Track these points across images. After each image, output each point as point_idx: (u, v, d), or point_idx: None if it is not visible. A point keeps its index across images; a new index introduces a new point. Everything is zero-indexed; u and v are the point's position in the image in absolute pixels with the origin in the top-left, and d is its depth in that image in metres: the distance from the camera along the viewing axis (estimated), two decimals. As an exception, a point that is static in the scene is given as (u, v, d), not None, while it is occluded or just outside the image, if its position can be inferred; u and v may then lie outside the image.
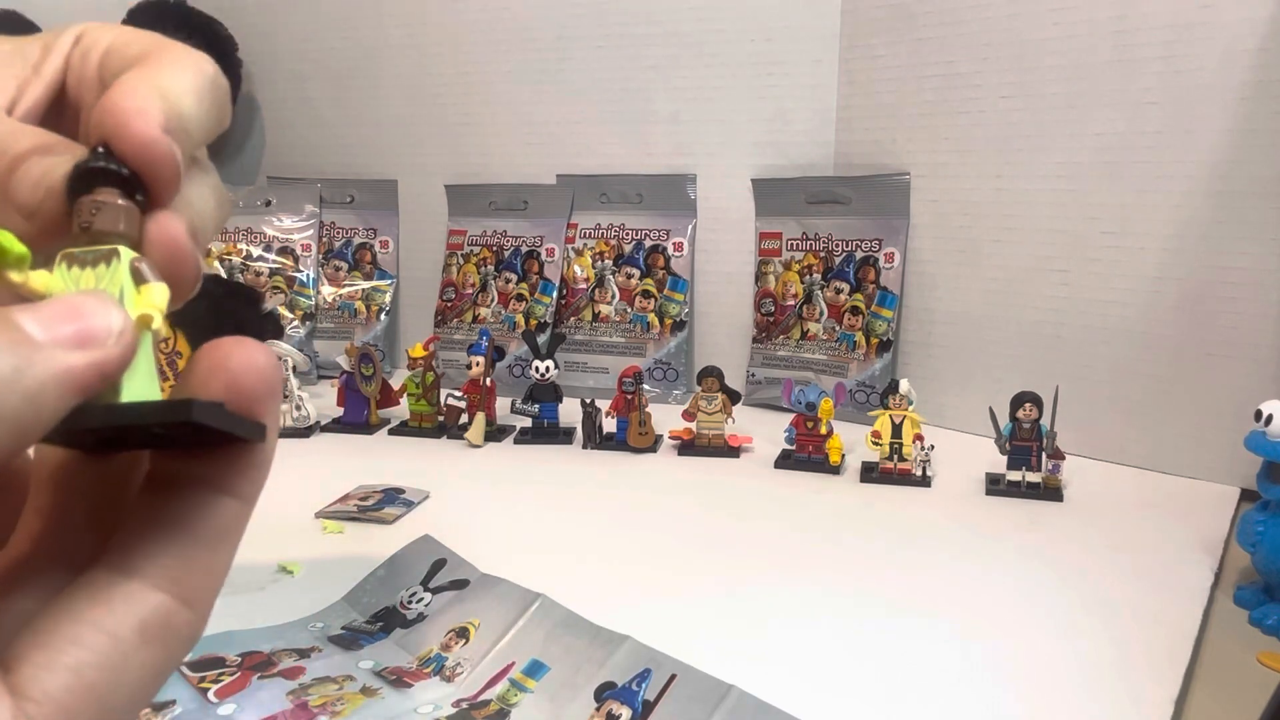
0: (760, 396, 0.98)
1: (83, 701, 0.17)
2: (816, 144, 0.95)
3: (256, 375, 0.20)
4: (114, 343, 0.18)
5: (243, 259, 1.12)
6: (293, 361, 0.90)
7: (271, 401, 0.20)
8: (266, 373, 0.20)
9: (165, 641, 0.18)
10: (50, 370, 0.17)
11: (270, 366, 0.20)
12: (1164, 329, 0.76)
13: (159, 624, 0.18)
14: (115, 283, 0.19)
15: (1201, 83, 0.72)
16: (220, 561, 0.20)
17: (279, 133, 1.22)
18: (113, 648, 0.18)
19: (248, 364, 0.19)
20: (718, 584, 0.60)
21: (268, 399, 0.20)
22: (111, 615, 0.18)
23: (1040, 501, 0.71)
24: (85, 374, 0.17)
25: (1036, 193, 0.81)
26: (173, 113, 0.20)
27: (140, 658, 0.18)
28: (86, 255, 0.19)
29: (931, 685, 0.48)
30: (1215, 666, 0.51)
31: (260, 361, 0.20)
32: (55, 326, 0.17)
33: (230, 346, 0.20)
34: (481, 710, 0.47)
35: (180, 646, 0.19)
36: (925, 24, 0.85)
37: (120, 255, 0.19)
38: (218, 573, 0.20)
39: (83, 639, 0.17)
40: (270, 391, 0.20)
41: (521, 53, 1.05)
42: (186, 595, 0.19)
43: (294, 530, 0.68)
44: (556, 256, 1.06)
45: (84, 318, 0.17)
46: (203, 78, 0.22)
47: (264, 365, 0.20)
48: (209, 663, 0.50)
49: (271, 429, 0.20)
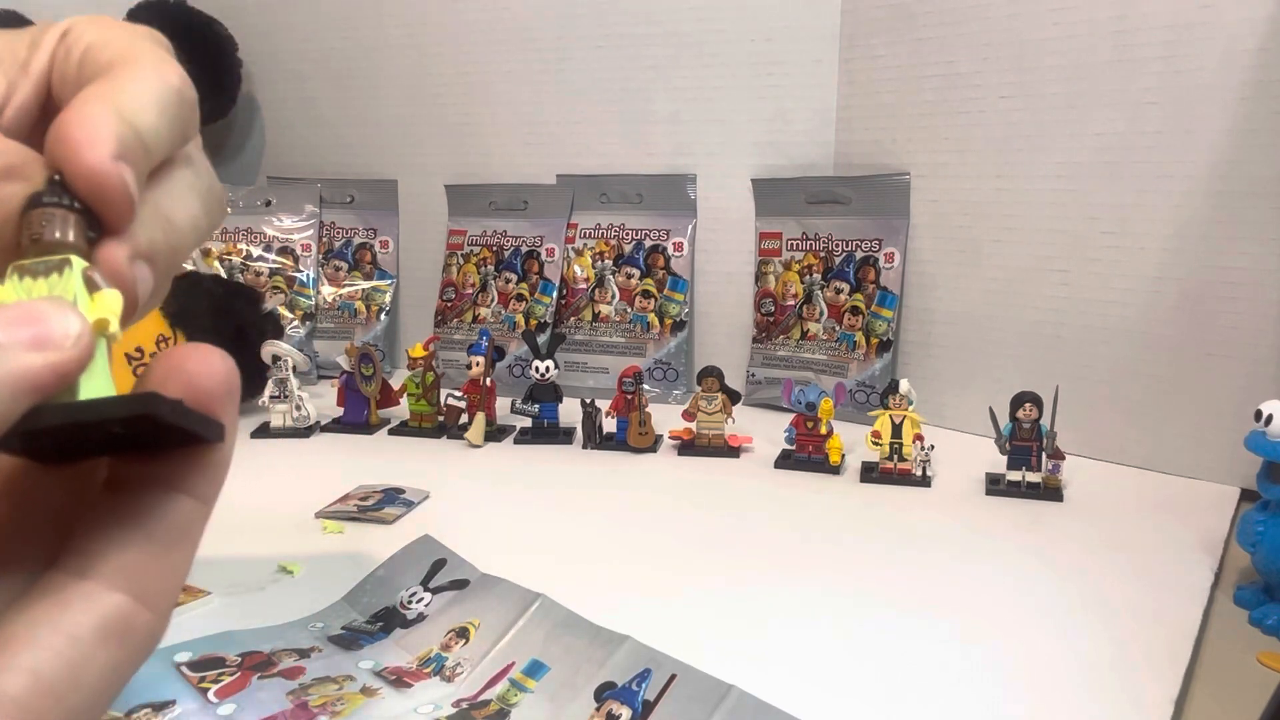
0: (760, 396, 0.98)
1: (42, 702, 0.17)
2: (816, 144, 0.95)
3: (214, 377, 0.20)
4: (71, 345, 0.18)
5: (243, 259, 1.12)
6: (293, 361, 0.89)
7: (229, 402, 0.20)
8: (224, 374, 0.20)
9: (124, 642, 0.18)
10: (7, 369, 0.17)
11: (228, 369, 0.20)
12: (1164, 329, 0.76)
13: (118, 624, 0.18)
14: (69, 291, 0.19)
15: (1201, 83, 0.72)
16: (179, 561, 0.20)
17: (279, 133, 1.22)
18: (71, 648, 0.18)
19: (205, 366, 0.20)
20: (718, 584, 0.60)
21: (225, 400, 0.20)
22: (69, 616, 0.18)
23: (1040, 501, 0.71)
24: (42, 374, 0.17)
25: (1036, 193, 0.81)
26: (128, 133, 0.20)
27: (100, 658, 0.18)
28: (38, 266, 0.19)
29: (931, 685, 0.48)
30: (1215, 666, 0.51)
31: (218, 364, 0.20)
32: (12, 330, 0.17)
33: (188, 349, 0.20)
34: (481, 710, 0.47)
35: (140, 647, 0.19)
36: (925, 24, 0.85)
37: (72, 264, 0.19)
38: (177, 573, 0.20)
39: (40, 640, 0.17)
40: (228, 392, 0.20)
41: (521, 53, 1.05)
42: (145, 596, 0.19)
43: (294, 530, 0.68)
44: (556, 256, 1.06)
45: (41, 321, 0.18)
46: (166, 89, 0.21)
47: (222, 367, 0.20)
48: (209, 663, 0.50)
49: (230, 429, 0.20)
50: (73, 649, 0.18)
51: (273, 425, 0.90)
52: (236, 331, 0.93)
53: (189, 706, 0.46)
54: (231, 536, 0.66)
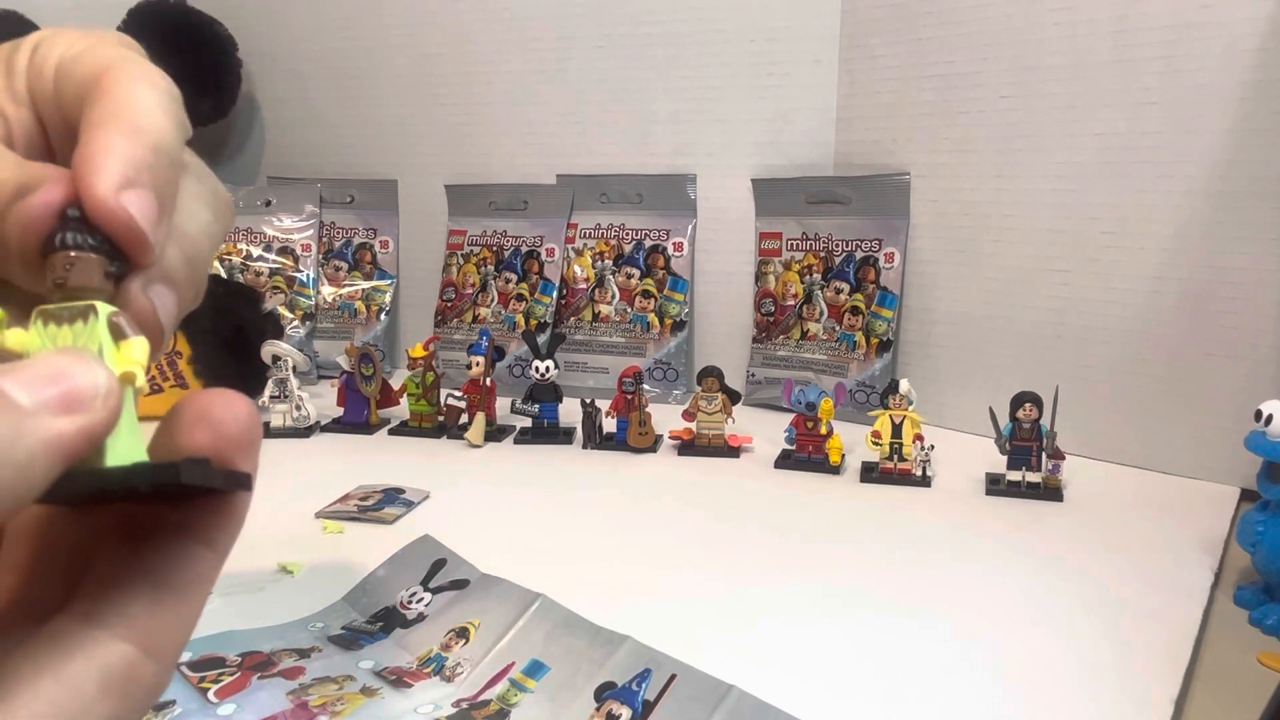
0: (760, 396, 0.98)
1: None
2: (816, 144, 0.95)
3: (239, 425, 0.19)
4: (100, 405, 0.17)
5: (243, 259, 1.12)
6: (293, 361, 0.89)
7: (254, 451, 0.20)
8: (248, 422, 0.19)
9: (126, 694, 0.18)
10: (40, 439, 0.16)
11: (251, 416, 0.20)
12: (1164, 329, 0.76)
13: (121, 676, 0.18)
14: (94, 339, 0.18)
15: (1201, 83, 0.72)
16: (190, 613, 0.19)
17: (279, 133, 1.22)
18: (71, 699, 0.17)
19: (230, 414, 0.19)
20: (718, 584, 0.60)
21: (250, 449, 0.20)
22: (72, 665, 0.17)
23: (1040, 501, 0.71)
24: (74, 440, 0.17)
25: (1036, 193, 0.81)
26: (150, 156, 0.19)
27: (100, 710, 0.18)
28: (63, 312, 0.18)
29: (931, 685, 0.48)
30: (1215, 666, 0.51)
31: (242, 412, 0.19)
32: (40, 390, 0.17)
33: (212, 397, 0.19)
34: (481, 710, 0.47)
35: (142, 698, 0.18)
36: (925, 24, 0.85)
37: (98, 311, 0.18)
38: (186, 624, 0.19)
39: (42, 690, 0.17)
40: (253, 441, 0.20)
41: (521, 53, 1.05)
42: (152, 647, 0.18)
43: (294, 530, 0.68)
44: (556, 256, 1.06)
45: (68, 379, 0.17)
46: (166, 97, 0.21)
47: (246, 415, 0.19)
48: (209, 663, 0.50)
49: (253, 477, 0.20)
50: (73, 700, 0.17)
51: (273, 425, 0.90)
52: (236, 331, 0.93)
53: (189, 706, 0.46)
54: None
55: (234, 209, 0.24)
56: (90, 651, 0.18)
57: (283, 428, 0.90)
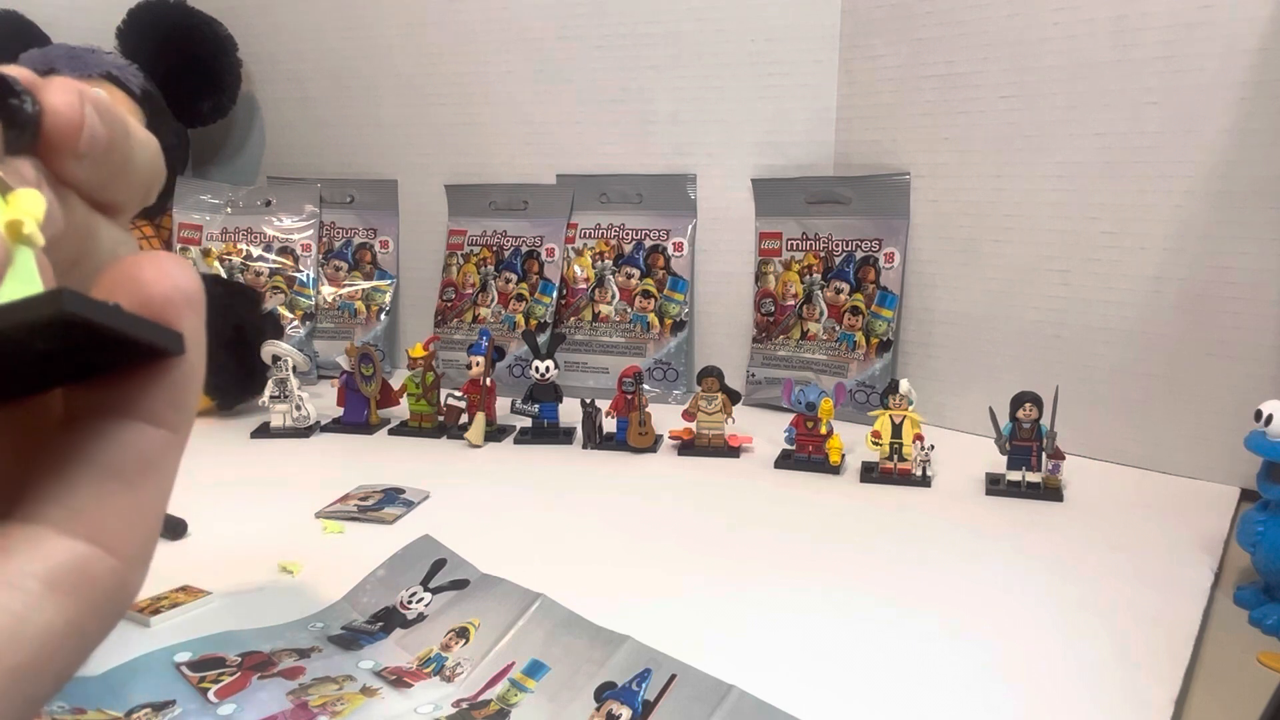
0: (760, 396, 0.98)
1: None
2: (816, 144, 0.95)
3: (167, 281, 0.17)
4: None
5: (243, 259, 1.12)
6: (293, 361, 0.89)
7: (190, 311, 0.17)
8: (181, 281, 0.17)
9: (81, 592, 0.16)
10: None
11: (188, 277, 0.17)
12: (1164, 329, 0.76)
13: (71, 572, 0.16)
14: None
15: (1201, 83, 0.72)
16: (146, 500, 0.17)
17: (279, 133, 1.22)
18: (11, 598, 0.15)
19: (157, 272, 0.17)
20: (718, 584, 0.60)
21: (184, 308, 0.17)
22: (11, 565, 0.16)
23: (1040, 501, 0.71)
24: None
25: (1036, 193, 0.81)
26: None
27: (49, 608, 0.16)
28: None
29: (931, 685, 0.48)
30: (1215, 666, 0.51)
31: (173, 269, 0.17)
32: None
33: (141, 256, 0.17)
34: (481, 710, 0.47)
35: (105, 598, 0.16)
36: (925, 24, 0.85)
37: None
38: (144, 514, 0.17)
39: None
40: (187, 300, 0.17)
41: (521, 53, 1.05)
42: (106, 540, 0.16)
43: (294, 530, 0.68)
44: (556, 256, 1.06)
45: None
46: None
47: (178, 274, 0.17)
48: (209, 663, 0.50)
49: (193, 341, 0.18)
50: (14, 599, 0.15)
51: (273, 425, 0.90)
52: (236, 331, 0.93)
53: (189, 706, 0.46)
54: (231, 536, 0.67)
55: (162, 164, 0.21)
56: (31, 549, 0.16)
57: (283, 428, 0.90)
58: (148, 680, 0.48)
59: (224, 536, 0.67)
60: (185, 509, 0.67)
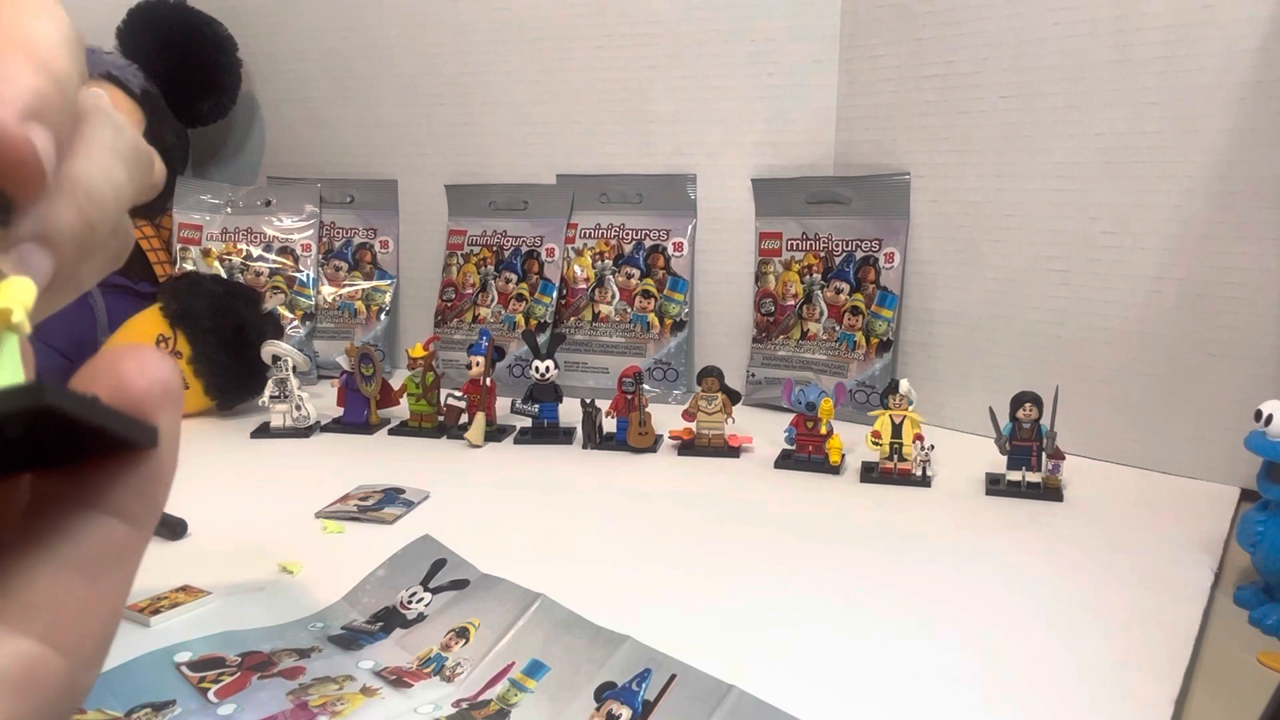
0: (760, 396, 0.98)
1: None
2: (816, 144, 0.95)
3: (146, 376, 0.17)
4: None
5: (243, 259, 1.12)
6: (293, 361, 0.89)
7: (166, 406, 0.17)
8: (159, 375, 0.17)
9: (29, 694, 0.15)
10: None
11: (166, 370, 0.17)
12: (1164, 329, 0.76)
13: (21, 674, 0.15)
14: None
15: (1201, 83, 0.72)
16: (103, 597, 0.16)
17: (279, 133, 1.22)
18: None
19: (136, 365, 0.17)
20: (718, 584, 0.60)
21: (161, 402, 0.17)
22: None
23: (1040, 501, 0.71)
24: None
25: (1036, 193, 0.81)
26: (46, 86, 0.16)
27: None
28: None
29: (931, 685, 0.48)
30: (1215, 666, 0.51)
31: (152, 363, 0.17)
32: None
33: (122, 348, 0.17)
34: (481, 710, 0.47)
35: (53, 699, 0.16)
36: (925, 24, 0.85)
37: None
38: (101, 611, 0.16)
39: None
40: (164, 394, 0.17)
41: (521, 53, 1.05)
42: (59, 639, 0.16)
43: (294, 530, 0.68)
44: (556, 256, 1.06)
45: None
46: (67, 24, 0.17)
47: (156, 367, 0.17)
48: (209, 663, 0.50)
49: (168, 437, 0.17)
50: None
51: (273, 425, 0.90)
52: (236, 331, 0.93)
53: (189, 706, 0.46)
54: (231, 536, 0.67)
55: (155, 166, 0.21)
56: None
57: (283, 428, 0.90)
58: (148, 680, 0.48)
59: (224, 536, 0.67)
60: (185, 509, 0.67)
